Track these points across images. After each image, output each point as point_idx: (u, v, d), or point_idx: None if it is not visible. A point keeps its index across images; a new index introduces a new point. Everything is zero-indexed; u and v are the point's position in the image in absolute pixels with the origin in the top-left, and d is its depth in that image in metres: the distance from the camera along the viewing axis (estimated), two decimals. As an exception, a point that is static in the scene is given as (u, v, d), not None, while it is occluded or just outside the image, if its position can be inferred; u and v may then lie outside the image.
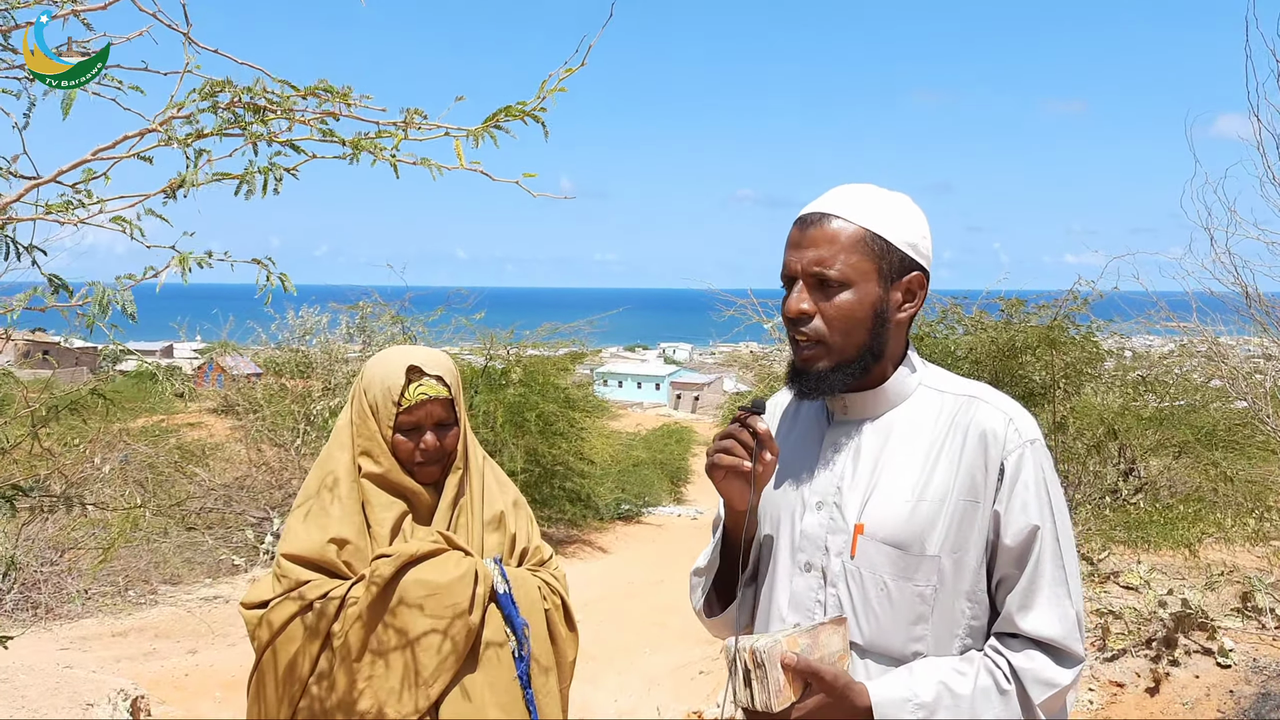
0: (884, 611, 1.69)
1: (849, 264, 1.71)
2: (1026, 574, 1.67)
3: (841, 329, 1.73)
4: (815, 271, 1.72)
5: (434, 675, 2.24)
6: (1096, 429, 8.14)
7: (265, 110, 1.49)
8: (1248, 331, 6.74)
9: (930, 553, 1.68)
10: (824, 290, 1.73)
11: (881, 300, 1.74)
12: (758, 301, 9.80)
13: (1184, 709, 4.28)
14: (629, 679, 6.95)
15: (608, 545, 13.10)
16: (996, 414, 1.72)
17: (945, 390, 1.80)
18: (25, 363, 13.51)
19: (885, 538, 1.70)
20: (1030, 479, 1.68)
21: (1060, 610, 1.66)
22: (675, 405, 59.75)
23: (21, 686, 4.57)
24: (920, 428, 1.76)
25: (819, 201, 1.79)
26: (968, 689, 1.63)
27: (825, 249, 1.72)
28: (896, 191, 1.83)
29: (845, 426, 1.82)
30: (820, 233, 1.73)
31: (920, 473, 1.72)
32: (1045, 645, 1.66)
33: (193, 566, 8.90)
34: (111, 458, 9.76)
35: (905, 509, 1.70)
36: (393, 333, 12.24)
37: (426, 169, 1.64)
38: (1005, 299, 8.37)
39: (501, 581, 2.39)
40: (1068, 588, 1.67)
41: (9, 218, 1.53)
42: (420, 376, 2.35)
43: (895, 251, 1.74)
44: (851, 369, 1.75)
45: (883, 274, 1.74)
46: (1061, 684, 1.64)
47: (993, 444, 1.69)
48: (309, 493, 2.41)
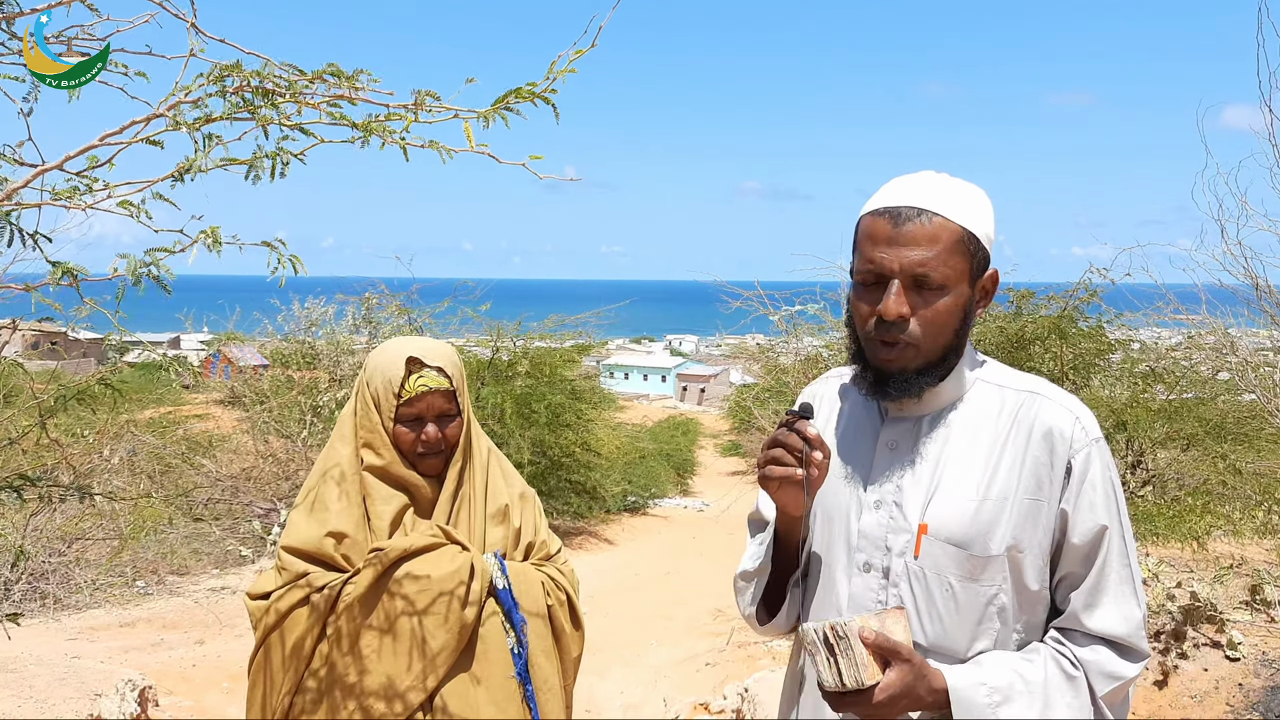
0: (948, 611, 1.67)
1: (950, 266, 1.64)
2: (1094, 573, 1.65)
3: (935, 332, 1.66)
4: (918, 273, 1.62)
5: (426, 670, 2.23)
6: (1105, 421, 8.11)
7: (274, 94, 1.48)
8: (1258, 324, 6.71)
9: (995, 552, 1.65)
10: (920, 292, 1.64)
11: (969, 301, 1.69)
12: (764, 293, 9.78)
13: (1192, 702, 4.27)
14: (635, 671, 6.95)
15: (614, 537, 13.10)
16: (1062, 411, 1.69)
17: (1005, 385, 1.75)
18: (33, 354, 13.54)
19: (950, 537, 1.66)
20: (1098, 478, 1.66)
21: (1127, 609, 1.65)
22: (681, 397, 59.74)
23: (30, 677, 4.58)
24: (981, 425, 1.72)
25: (905, 193, 1.67)
26: (1039, 676, 1.62)
27: (928, 249, 1.62)
28: (964, 180, 1.74)
29: (902, 424, 1.77)
30: (921, 230, 1.63)
31: (983, 471, 1.68)
32: (1109, 641, 1.65)
33: (200, 557, 8.92)
34: (119, 449, 9.77)
35: (970, 508, 1.67)
36: (399, 324, 12.24)
37: (436, 158, 1.63)
38: (1014, 290, 8.34)
39: (501, 577, 2.38)
40: (1134, 586, 1.66)
41: (15, 204, 1.52)
42: (420, 368, 2.33)
43: (982, 250, 1.68)
44: (937, 370, 1.69)
45: (973, 274, 1.68)
46: (1126, 676, 1.64)
47: (1059, 442, 1.66)
48: (312, 485, 2.40)
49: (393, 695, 2.21)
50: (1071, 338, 7.87)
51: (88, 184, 1.54)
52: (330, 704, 2.25)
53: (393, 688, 2.21)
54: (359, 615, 2.24)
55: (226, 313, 14.61)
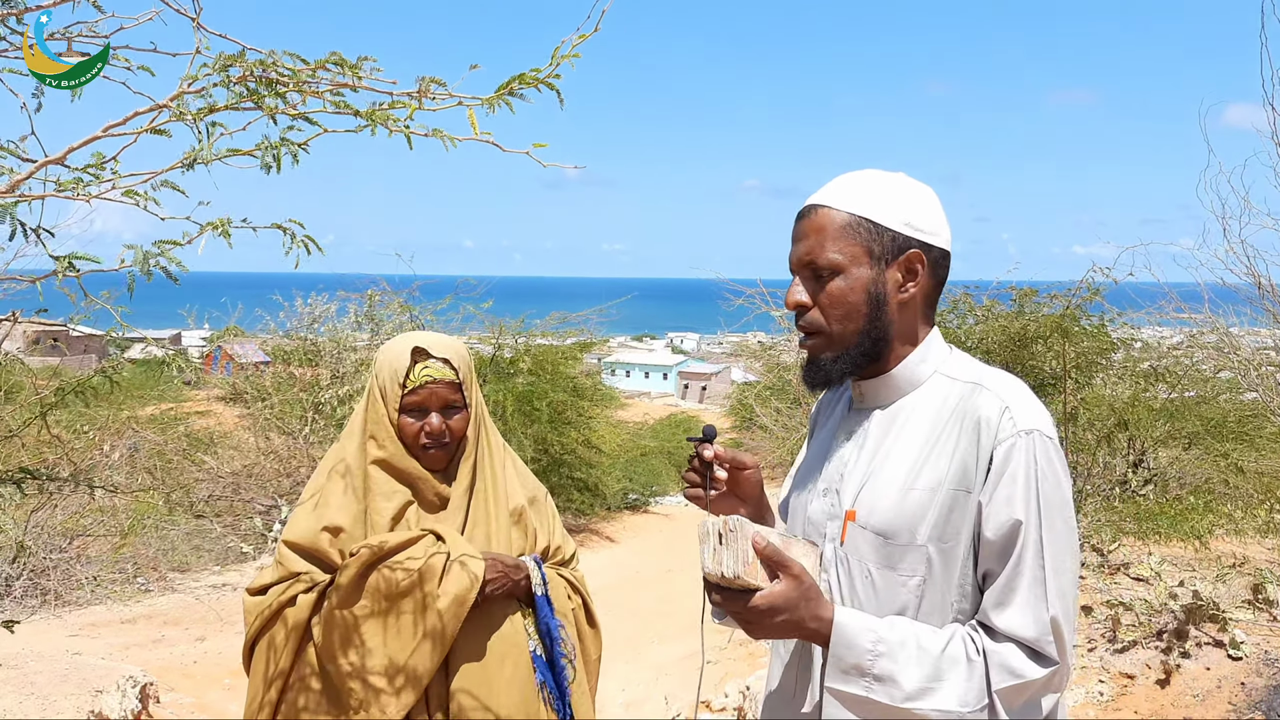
0: (868, 599, 1.67)
1: (836, 250, 1.72)
2: (1007, 570, 1.60)
3: (838, 316, 1.73)
4: (807, 262, 1.74)
5: (413, 669, 2.21)
6: (1106, 420, 8.11)
7: (277, 83, 1.47)
8: (1260, 323, 6.71)
9: (918, 542, 1.64)
10: (818, 280, 1.74)
11: (875, 282, 1.72)
12: (766, 291, 9.77)
13: (1195, 701, 4.26)
14: (636, 668, 6.95)
15: (615, 535, 13.10)
16: (994, 401, 1.66)
17: (957, 378, 1.75)
18: (34, 349, 13.55)
19: (873, 525, 1.67)
20: (1020, 471, 1.60)
21: (1035, 612, 1.58)
22: (683, 395, 59.74)
23: (31, 673, 4.58)
24: (924, 416, 1.72)
25: (814, 194, 1.79)
26: (936, 648, 1.58)
27: (814, 239, 1.74)
28: (896, 172, 1.81)
29: (859, 414, 1.82)
30: (810, 224, 1.75)
31: (916, 461, 1.68)
32: (1019, 642, 1.59)
33: (201, 554, 8.91)
34: (120, 445, 9.78)
35: (896, 497, 1.67)
36: (401, 321, 12.24)
37: (436, 153, 1.62)
38: (1017, 288, 8.34)
39: (540, 585, 2.37)
40: (1045, 589, 1.58)
41: (20, 196, 1.51)
42: (426, 358, 2.33)
43: (887, 232, 1.72)
44: (853, 355, 1.74)
45: (875, 255, 1.72)
46: (1027, 677, 1.56)
47: (985, 432, 1.64)
48: (316, 480, 2.40)
49: (382, 696, 2.20)
50: (1074, 336, 7.86)
51: (93, 175, 1.53)
52: (322, 702, 2.24)
53: (380, 689, 2.20)
54: (342, 614, 2.24)
55: (228, 309, 14.60)
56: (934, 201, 1.79)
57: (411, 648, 2.21)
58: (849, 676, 1.58)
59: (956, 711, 1.55)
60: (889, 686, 1.56)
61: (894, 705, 1.56)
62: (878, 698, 1.56)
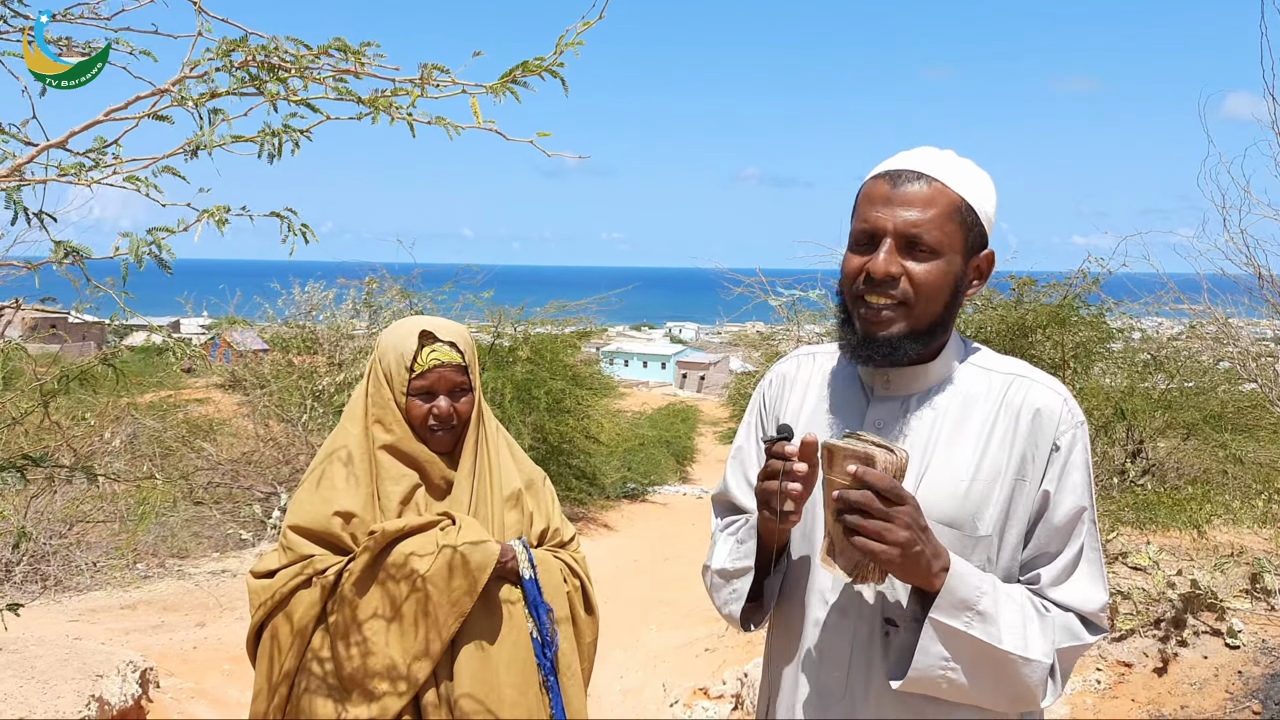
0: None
1: (945, 231, 1.63)
2: (1069, 552, 1.66)
3: (926, 296, 1.64)
4: (912, 234, 1.63)
5: (429, 644, 2.23)
6: (1104, 410, 8.12)
7: (280, 69, 1.47)
8: (1259, 313, 6.70)
9: (983, 532, 1.65)
10: (913, 254, 1.64)
11: (961, 274, 1.68)
12: (765, 280, 9.76)
13: (1192, 689, 4.28)
14: (634, 656, 6.97)
15: (613, 523, 13.12)
16: (1051, 393, 1.69)
17: (991, 369, 1.75)
18: (34, 336, 13.53)
19: (941, 518, 1.65)
20: (1079, 460, 1.67)
21: (1096, 590, 1.67)
22: (681, 384, 59.73)
23: (32, 658, 4.59)
24: (969, 406, 1.71)
25: (909, 159, 1.68)
26: (1021, 598, 1.63)
27: (923, 210, 1.63)
28: (974, 164, 1.74)
29: (889, 403, 1.75)
30: (917, 193, 1.64)
31: (973, 453, 1.67)
32: (1080, 614, 1.67)
33: (200, 541, 8.93)
34: (119, 432, 9.78)
35: (960, 489, 1.66)
36: (399, 308, 12.23)
37: (435, 142, 1.63)
38: (1016, 278, 8.33)
39: (528, 567, 2.37)
40: (1102, 569, 1.68)
41: (21, 180, 1.51)
42: (433, 341, 2.34)
43: (980, 226, 1.68)
44: (922, 339, 1.67)
45: (968, 247, 1.68)
46: (1085, 639, 1.65)
47: (1048, 422, 1.66)
48: (318, 465, 2.40)
49: (396, 674, 2.21)
50: (1072, 326, 7.87)
51: (95, 159, 1.53)
52: (335, 685, 2.25)
53: (396, 667, 2.21)
54: (359, 595, 2.24)
55: (226, 297, 14.59)
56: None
57: (425, 629, 2.23)
58: (956, 611, 1.57)
59: (1039, 660, 1.59)
60: (988, 625, 1.58)
61: (988, 643, 1.57)
62: (975, 634, 1.57)
